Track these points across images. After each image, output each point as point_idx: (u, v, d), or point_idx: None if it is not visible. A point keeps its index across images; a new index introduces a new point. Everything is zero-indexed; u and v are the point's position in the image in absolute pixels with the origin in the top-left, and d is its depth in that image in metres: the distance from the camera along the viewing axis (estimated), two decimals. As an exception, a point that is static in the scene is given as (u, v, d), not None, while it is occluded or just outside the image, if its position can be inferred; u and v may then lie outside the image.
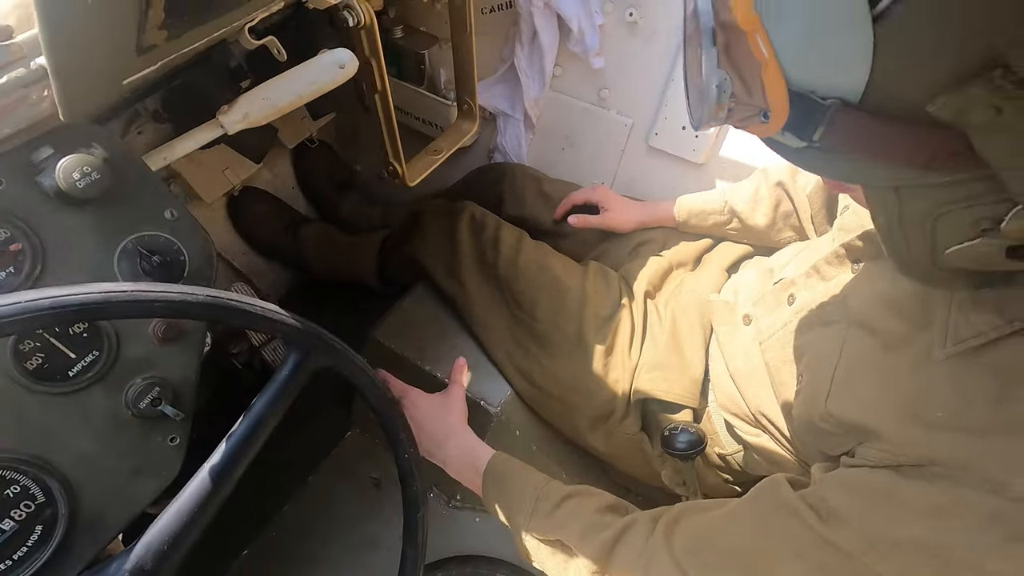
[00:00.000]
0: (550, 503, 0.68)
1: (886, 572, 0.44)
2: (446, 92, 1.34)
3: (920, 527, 0.42)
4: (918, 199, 0.36)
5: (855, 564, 0.46)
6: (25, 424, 0.46)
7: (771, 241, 0.98)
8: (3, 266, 0.45)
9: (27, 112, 0.41)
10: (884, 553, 0.44)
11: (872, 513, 0.46)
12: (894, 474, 0.45)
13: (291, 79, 0.62)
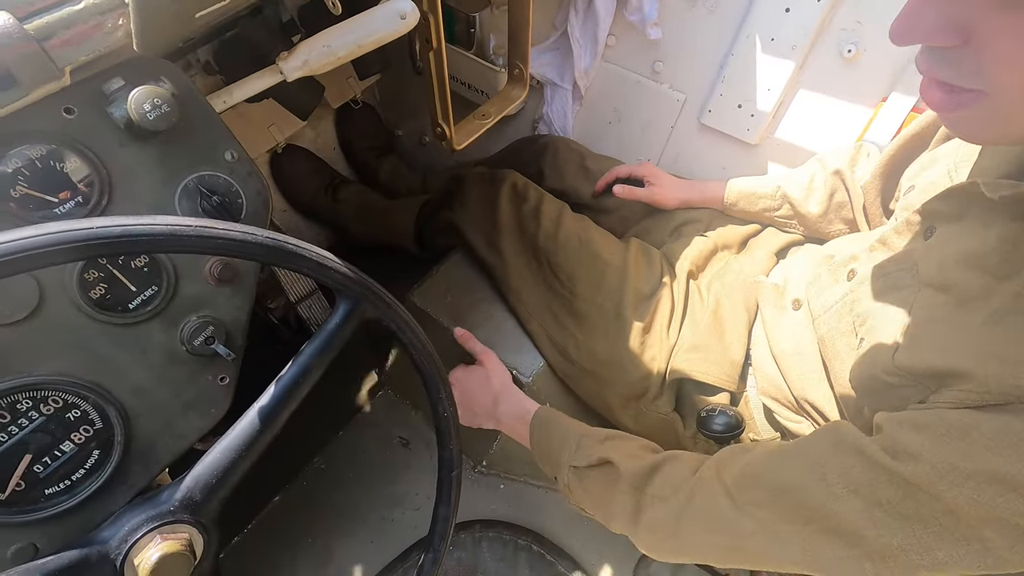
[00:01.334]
0: (594, 440, 0.72)
1: (954, 501, 0.43)
2: (494, 58, 1.32)
3: (1000, 460, 0.41)
4: None
5: (919, 497, 0.45)
6: (87, 351, 0.47)
7: (821, 232, 0.95)
8: (72, 196, 0.46)
9: (102, 40, 0.41)
10: (954, 483, 0.43)
11: (946, 446, 0.44)
12: (974, 412, 0.43)
13: (352, 27, 0.61)
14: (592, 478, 0.71)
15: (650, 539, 0.64)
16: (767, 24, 1.02)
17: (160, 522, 0.47)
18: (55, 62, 0.39)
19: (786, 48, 1.02)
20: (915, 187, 0.67)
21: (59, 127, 0.44)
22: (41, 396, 0.46)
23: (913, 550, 0.46)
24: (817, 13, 0.96)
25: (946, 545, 0.45)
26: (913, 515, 0.46)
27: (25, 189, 0.43)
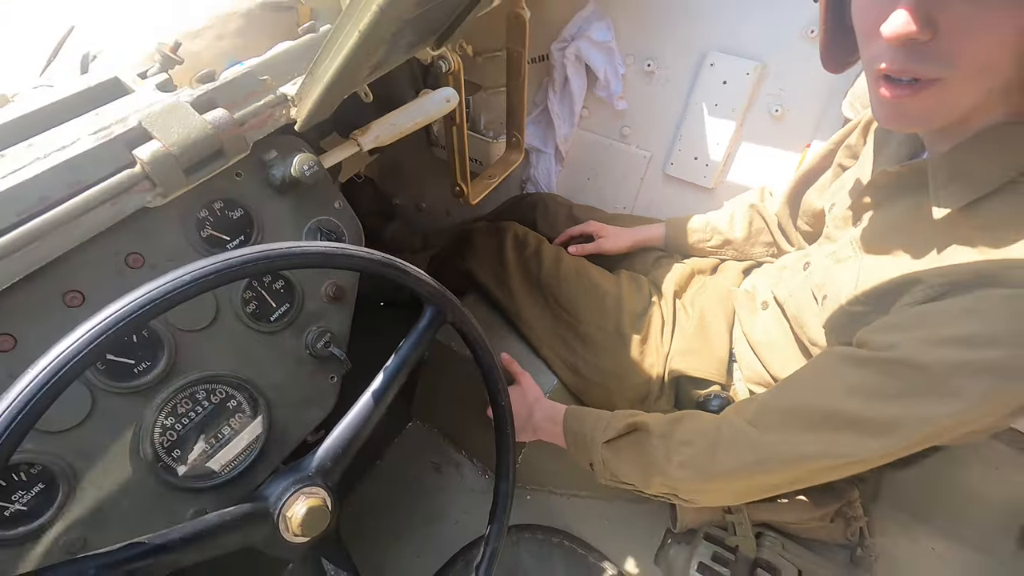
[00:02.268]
0: (620, 416, 0.86)
1: (928, 364, 0.56)
2: (486, 132, 1.55)
3: (951, 328, 0.55)
4: None
5: (902, 371, 0.57)
6: (244, 353, 0.62)
7: (747, 254, 1.18)
8: (237, 235, 0.62)
9: (273, 124, 0.59)
10: (925, 351, 0.56)
11: (913, 330, 0.58)
12: (926, 304, 0.59)
13: (412, 109, 0.81)
14: (624, 446, 0.82)
15: (685, 475, 0.73)
16: (710, 93, 1.29)
17: (303, 484, 0.60)
18: (246, 140, 0.56)
19: (727, 111, 1.28)
20: (836, 204, 0.89)
21: (232, 187, 0.61)
22: (212, 387, 0.60)
23: (905, 417, 0.58)
24: (748, 84, 1.23)
25: (929, 402, 0.57)
26: (900, 389, 0.59)
27: (211, 231, 0.60)
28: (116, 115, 0.53)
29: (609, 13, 1.33)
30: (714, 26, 1.24)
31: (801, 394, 0.68)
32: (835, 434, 0.63)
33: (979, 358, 0.55)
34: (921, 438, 0.60)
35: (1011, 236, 0.56)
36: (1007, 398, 0.56)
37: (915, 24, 0.49)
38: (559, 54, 1.40)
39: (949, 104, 0.56)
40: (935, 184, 0.63)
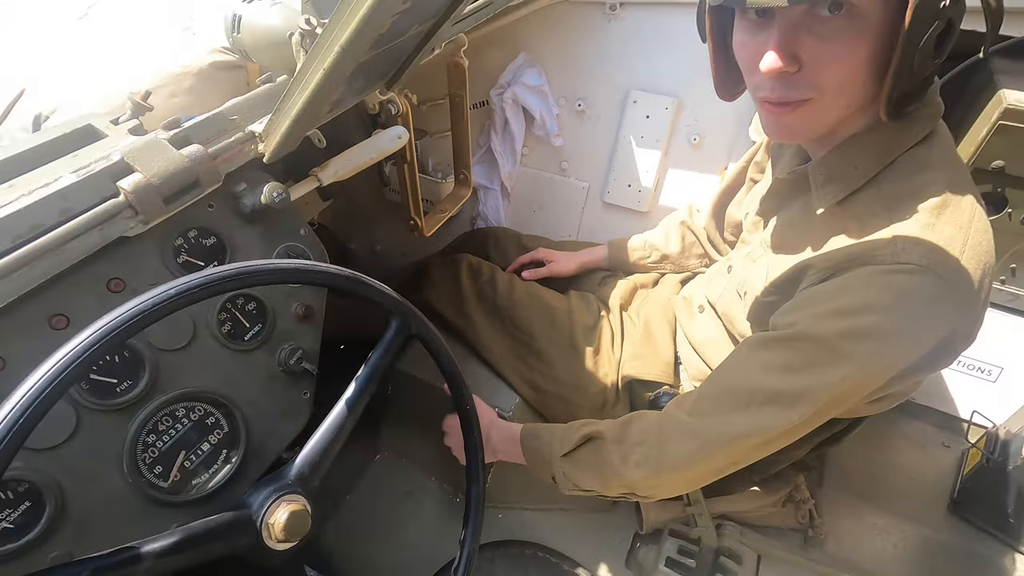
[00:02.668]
0: (573, 428, 0.92)
1: (823, 335, 0.65)
2: (434, 173, 1.65)
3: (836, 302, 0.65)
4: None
5: (804, 345, 0.67)
6: (221, 371, 0.66)
7: (684, 266, 1.29)
8: (211, 260, 0.67)
9: (244, 157, 0.65)
10: (819, 324, 0.66)
11: (807, 308, 0.68)
12: (816, 285, 0.69)
13: (367, 146, 0.89)
14: (581, 456, 0.90)
15: (641, 474, 0.80)
16: (636, 127, 1.44)
17: (284, 492, 0.63)
18: (219, 172, 0.62)
19: (653, 141, 1.43)
20: (748, 213, 1.01)
21: (206, 216, 0.66)
22: (191, 405, 0.63)
23: (811, 385, 0.67)
24: (667, 117, 1.39)
25: (830, 368, 0.65)
26: (804, 360, 0.67)
27: (186, 257, 0.64)
28: (96, 155, 0.59)
29: (539, 61, 1.47)
30: (633, 68, 1.40)
31: (727, 379, 0.77)
32: (759, 410, 0.71)
33: (859, 324, 0.64)
34: (829, 402, 0.68)
35: (875, 223, 0.68)
36: (889, 357, 0.66)
37: (783, 62, 0.61)
38: (497, 99, 1.52)
39: (819, 118, 0.69)
40: (815, 185, 0.76)
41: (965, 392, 1.35)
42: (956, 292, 0.63)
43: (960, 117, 1.18)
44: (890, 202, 0.68)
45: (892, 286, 0.63)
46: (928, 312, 0.64)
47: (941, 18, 0.58)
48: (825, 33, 0.61)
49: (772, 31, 0.62)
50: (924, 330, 0.64)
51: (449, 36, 1.05)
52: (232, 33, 0.94)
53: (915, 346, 0.65)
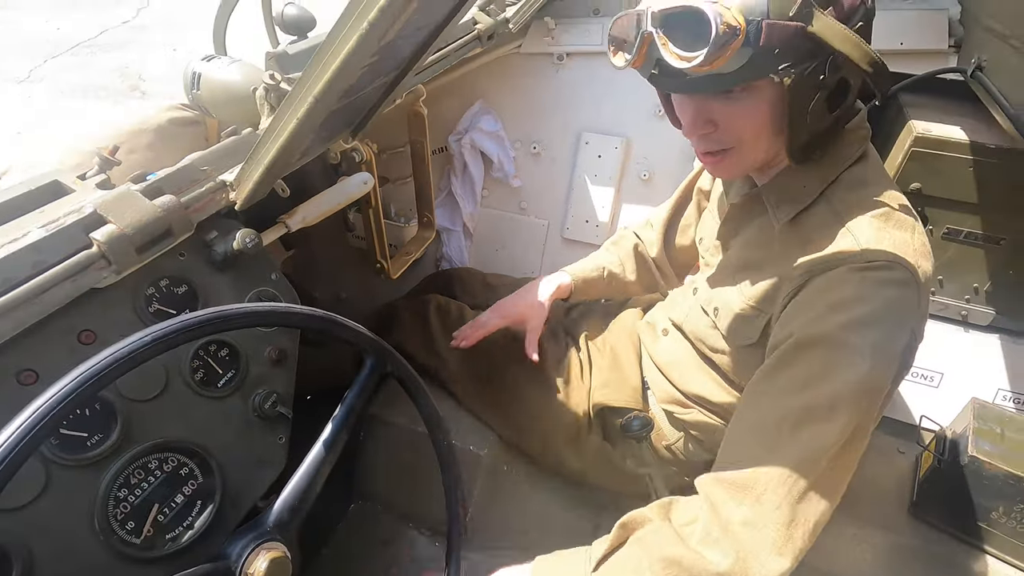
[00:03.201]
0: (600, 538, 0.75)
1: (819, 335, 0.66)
2: (396, 218, 1.68)
3: (824, 299, 0.68)
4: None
5: (809, 349, 0.67)
6: (194, 419, 0.65)
7: (636, 292, 1.33)
8: (183, 308, 0.67)
9: (213, 207, 0.66)
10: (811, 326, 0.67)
11: (798, 316, 0.70)
12: (798, 295, 0.72)
13: (333, 192, 0.91)
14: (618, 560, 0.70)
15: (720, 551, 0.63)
16: (590, 167, 1.51)
17: (263, 540, 0.62)
18: (191, 221, 0.64)
19: (606, 179, 1.51)
20: (703, 238, 1.08)
21: (177, 265, 0.66)
22: (164, 456, 0.62)
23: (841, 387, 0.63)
24: (618, 156, 1.47)
25: (848, 363, 0.64)
26: (822, 365, 0.65)
27: (158, 306, 0.64)
28: (65, 209, 0.59)
29: (494, 108, 1.55)
30: (583, 112, 1.49)
31: (748, 423, 0.71)
32: (794, 435, 0.63)
33: (855, 314, 0.66)
34: (866, 401, 0.64)
35: (833, 232, 0.74)
36: (891, 342, 0.66)
37: (699, 127, 0.71)
38: (456, 144, 1.58)
39: (746, 162, 0.78)
40: (770, 205, 0.83)
41: (913, 399, 1.44)
42: (917, 286, 0.69)
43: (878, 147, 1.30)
44: (841, 214, 0.75)
45: (869, 279, 0.68)
46: (902, 302, 0.68)
47: (825, 86, 0.68)
48: (730, 100, 0.70)
49: (689, 100, 0.72)
50: (903, 318, 0.68)
51: (410, 87, 1.10)
52: (191, 90, 0.97)
53: (901, 333, 0.67)
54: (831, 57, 0.65)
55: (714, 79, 0.65)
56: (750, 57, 0.62)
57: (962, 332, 1.35)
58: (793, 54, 0.64)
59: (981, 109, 1.12)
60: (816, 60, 0.65)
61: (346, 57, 0.49)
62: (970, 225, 1.23)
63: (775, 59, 0.63)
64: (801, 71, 0.65)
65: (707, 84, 0.66)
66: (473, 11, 1.21)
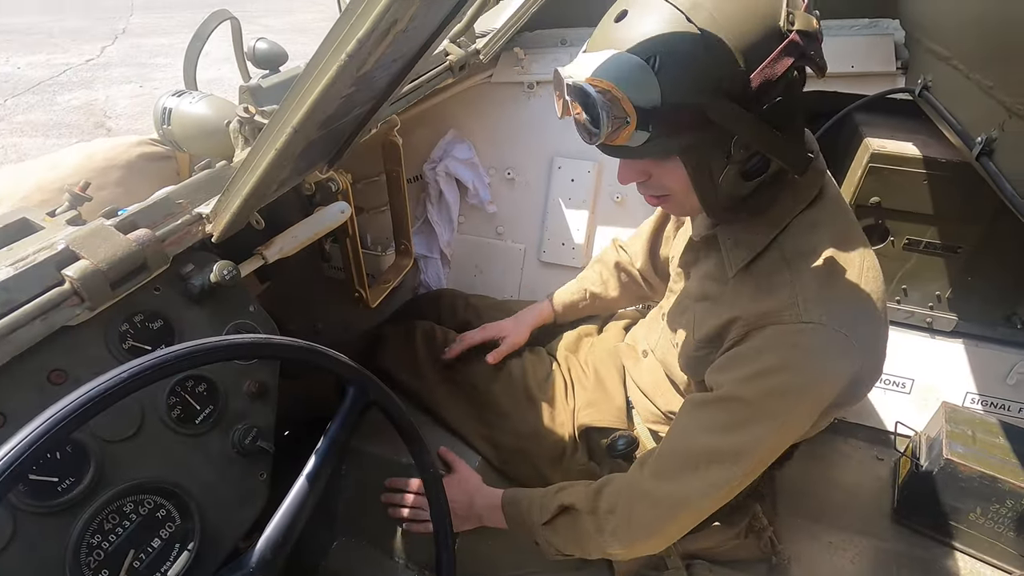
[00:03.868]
0: (549, 495, 0.94)
1: (748, 396, 0.73)
2: (373, 247, 1.67)
3: (756, 363, 0.74)
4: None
5: (733, 405, 0.74)
6: (171, 458, 0.63)
7: (620, 306, 1.36)
8: (158, 344, 0.65)
9: (189, 240, 0.65)
10: (742, 385, 0.74)
11: (731, 370, 0.77)
12: (739, 345, 0.77)
13: (311, 222, 0.91)
14: (559, 525, 0.91)
15: (616, 544, 0.85)
16: (563, 190, 1.54)
17: (246, 581, 0.60)
18: (167, 254, 0.63)
19: (580, 202, 1.53)
20: (673, 258, 1.10)
21: (152, 300, 0.65)
22: (140, 498, 0.59)
23: (747, 442, 0.74)
24: (591, 179, 1.50)
25: (756, 426, 0.74)
26: (736, 420, 0.75)
27: (132, 342, 0.62)
28: (35, 246, 0.58)
29: (468, 136, 1.57)
30: (555, 138, 1.52)
31: (678, 441, 0.83)
32: (707, 470, 0.77)
33: (776, 383, 0.73)
34: (767, 450, 0.77)
35: (780, 280, 0.76)
36: (806, 406, 0.75)
37: (634, 178, 0.75)
38: (431, 173, 1.60)
39: (686, 207, 0.80)
40: (725, 248, 0.85)
41: (887, 405, 1.47)
42: (855, 340, 0.72)
43: (838, 164, 1.36)
44: (791, 261, 0.77)
45: (799, 345, 0.72)
46: (832, 362, 0.73)
47: (735, 161, 0.71)
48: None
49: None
50: (831, 377, 0.74)
51: (385, 117, 1.11)
52: (162, 125, 0.96)
53: (827, 390, 0.74)
54: (734, 138, 0.68)
55: (626, 150, 0.68)
56: (648, 138, 0.65)
57: (929, 338, 1.39)
58: (692, 136, 0.66)
59: (931, 125, 1.18)
60: (719, 141, 0.68)
61: (325, 87, 0.49)
62: (929, 235, 1.29)
63: (675, 140, 0.66)
64: (701, 152, 0.69)
65: (622, 154, 0.69)
66: (445, 43, 1.24)
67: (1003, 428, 1.23)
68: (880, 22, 1.36)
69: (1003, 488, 1.12)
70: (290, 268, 1.20)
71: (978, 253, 1.28)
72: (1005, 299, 1.32)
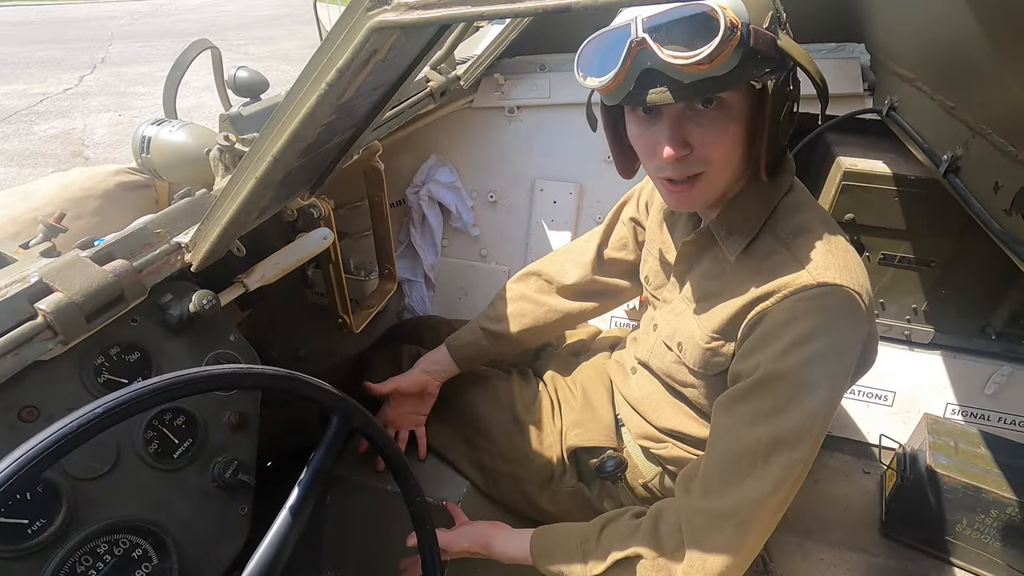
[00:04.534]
0: (591, 537, 0.84)
1: (787, 369, 0.71)
2: (356, 272, 1.66)
3: (785, 337, 0.72)
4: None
5: (774, 384, 0.72)
6: (148, 495, 0.61)
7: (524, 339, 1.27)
8: (135, 377, 0.64)
9: (167, 270, 0.64)
10: (780, 359, 0.72)
11: (762, 351, 0.74)
12: (760, 328, 0.76)
13: (293, 249, 0.90)
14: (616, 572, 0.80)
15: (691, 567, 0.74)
16: (546, 212, 1.56)
17: (228, 622, 0.58)
18: (144, 285, 0.61)
19: (562, 223, 1.55)
20: (648, 277, 1.11)
21: (129, 332, 0.63)
22: (115, 539, 0.57)
23: (801, 420, 0.71)
24: (572, 201, 1.52)
25: (805, 399, 0.71)
26: (785, 398, 0.71)
27: (108, 376, 0.61)
28: (7, 279, 0.56)
29: (450, 160, 1.59)
30: (536, 161, 1.54)
31: (724, 448, 0.77)
32: (767, 463, 0.72)
33: (813, 349, 0.72)
34: (821, 427, 0.73)
35: (782, 258, 0.79)
36: (846, 367, 0.75)
37: (677, 149, 0.72)
38: (414, 197, 1.60)
39: (713, 188, 0.81)
40: (720, 238, 0.86)
41: (870, 419, 1.49)
42: (864, 300, 0.75)
43: (811, 183, 1.39)
44: (786, 240, 0.80)
45: (825, 308, 0.73)
46: (855, 319, 0.74)
47: (791, 97, 0.75)
48: (704, 122, 0.74)
49: (663, 124, 0.73)
50: (858, 334, 0.75)
51: (367, 143, 1.12)
52: (141, 154, 0.96)
53: (855, 350, 0.75)
54: (792, 73, 0.72)
55: (705, 83, 0.68)
56: (739, 60, 0.66)
57: (908, 351, 1.42)
58: (770, 62, 0.69)
59: (900, 144, 1.22)
60: (784, 72, 0.71)
61: (305, 116, 0.49)
62: (903, 250, 1.32)
63: (758, 64, 0.68)
64: (776, 79, 0.70)
65: (696, 89, 0.67)
66: (425, 70, 1.26)
67: (984, 438, 1.25)
68: (847, 46, 1.41)
69: (987, 498, 1.13)
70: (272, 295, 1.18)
71: (950, 266, 1.31)
72: (979, 311, 1.36)
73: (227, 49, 1.09)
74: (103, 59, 7.38)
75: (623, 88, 0.70)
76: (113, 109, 5.39)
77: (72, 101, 5.63)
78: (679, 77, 0.67)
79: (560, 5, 0.37)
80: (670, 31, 0.66)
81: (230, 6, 12.19)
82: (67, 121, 5.03)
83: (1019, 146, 0.80)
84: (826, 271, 0.75)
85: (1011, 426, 1.40)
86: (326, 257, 1.14)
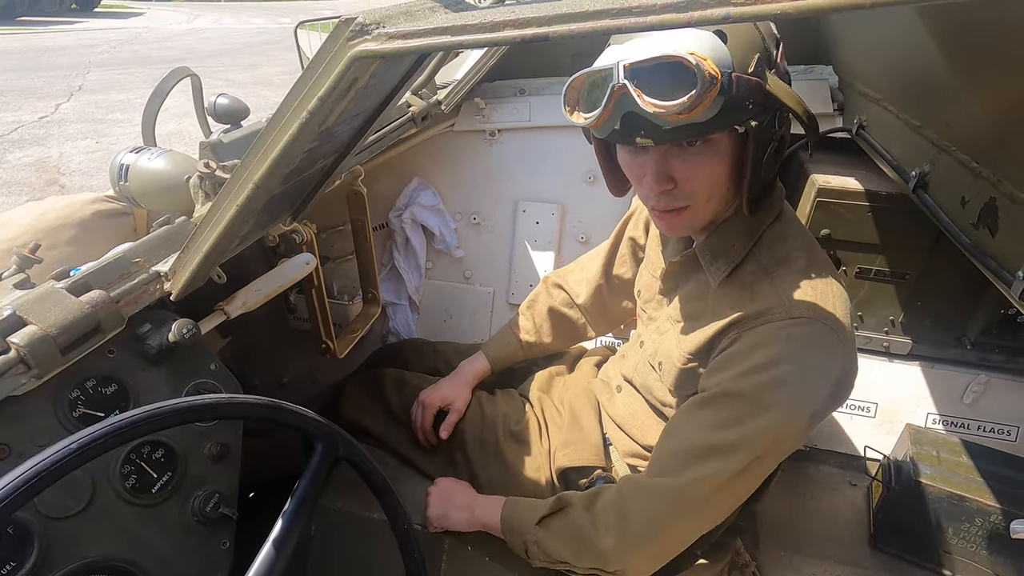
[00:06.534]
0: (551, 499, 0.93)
1: (744, 390, 0.74)
2: (339, 296, 1.65)
3: (748, 360, 0.75)
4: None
5: (728, 401, 0.76)
6: (125, 532, 0.58)
7: (555, 350, 1.34)
8: (112, 410, 0.62)
9: (146, 300, 0.63)
10: (738, 381, 0.75)
11: (726, 370, 0.77)
12: (730, 349, 0.78)
13: (275, 275, 0.90)
14: (553, 523, 0.90)
15: (610, 541, 0.82)
16: (529, 233, 1.57)
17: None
18: (122, 315, 0.60)
19: (546, 243, 1.56)
20: (640, 292, 1.12)
21: (105, 363, 0.62)
22: (90, 580, 0.55)
23: (745, 436, 0.75)
24: (555, 221, 1.53)
25: (754, 420, 0.74)
26: (734, 415, 0.75)
27: (84, 409, 0.59)
28: (-23, 314, 0.55)
29: (432, 183, 1.59)
30: (518, 182, 1.56)
31: (673, 440, 0.84)
32: (701, 463, 0.78)
33: (774, 375, 0.74)
34: (765, 448, 0.77)
35: (762, 288, 0.80)
36: (804, 398, 0.76)
37: (660, 184, 0.75)
38: (397, 220, 1.60)
39: (699, 218, 0.83)
40: (705, 263, 0.88)
41: (854, 431, 1.50)
42: (839, 334, 0.76)
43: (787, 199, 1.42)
44: (768, 269, 0.81)
45: (793, 337, 0.75)
46: (824, 355, 0.75)
47: (775, 138, 0.76)
48: (689, 158, 0.75)
49: (648, 158, 0.76)
50: (824, 370, 0.76)
51: (349, 167, 1.12)
52: (119, 182, 0.95)
53: (820, 386, 0.76)
54: (779, 112, 0.73)
55: (686, 129, 0.69)
56: (722, 106, 0.67)
57: (887, 363, 1.44)
58: (754, 107, 0.70)
59: (871, 161, 1.26)
60: (769, 114, 0.72)
61: (287, 143, 0.50)
62: (878, 264, 1.35)
63: (741, 110, 0.69)
64: (760, 122, 0.72)
65: (678, 134, 0.70)
66: (407, 95, 1.27)
67: (965, 447, 1.27)
68: (815, 68, 1.46)
69: (971, 507, 1.15)
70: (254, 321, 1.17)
71: (925, 279, 1.34)
72: (954, 321, 1.39)
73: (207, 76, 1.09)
74: (80, 87, 7.32)
75: (608, 125, 0.72)
76: (90, 136, 5.33)
77: (48, 129, 5.56)
78: (660, 123, 0.68)
79: (539, 34, 0.38)
80: (651, 78, 0.66)
81: (210, 33, 12.23)
82: (42, 149, 4.96)
83: (982, 162, 0.83)
84: (802, 305, 0.76)
85: (990, 434, 1.42)
86: (309, 282, 1.13)
